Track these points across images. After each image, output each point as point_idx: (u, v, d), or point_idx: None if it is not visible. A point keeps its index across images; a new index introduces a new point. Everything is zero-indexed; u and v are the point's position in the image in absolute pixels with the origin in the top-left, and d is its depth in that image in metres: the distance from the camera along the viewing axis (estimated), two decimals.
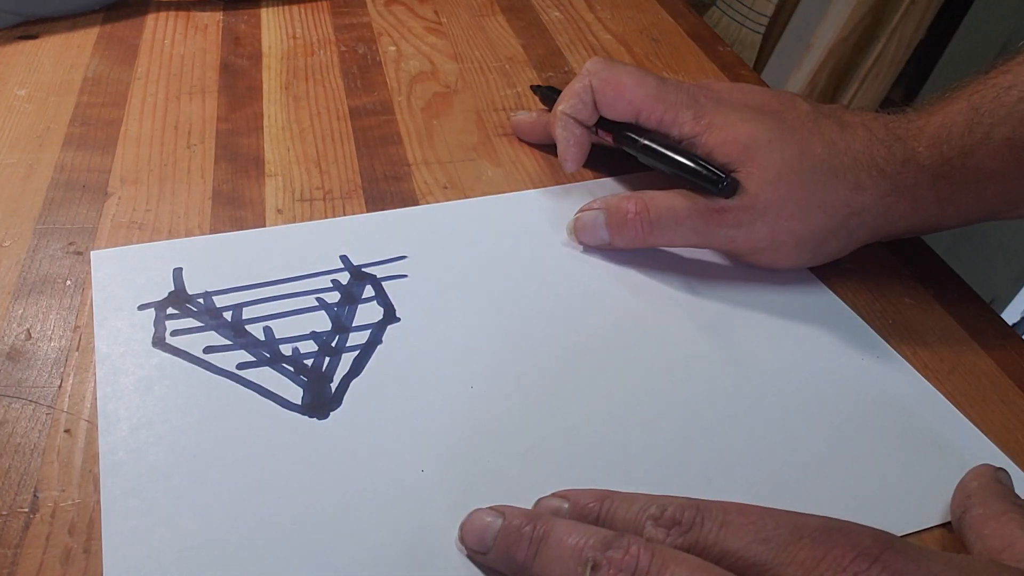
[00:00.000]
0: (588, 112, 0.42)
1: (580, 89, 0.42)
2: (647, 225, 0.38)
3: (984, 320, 0.38)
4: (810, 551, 0.22)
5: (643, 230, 0.38)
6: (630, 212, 0.38)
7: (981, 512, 0.27)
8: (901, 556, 0.22)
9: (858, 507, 0.30)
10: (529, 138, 0.48)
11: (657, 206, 0.38)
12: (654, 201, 0.38)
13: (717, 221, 0.37)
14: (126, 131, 0.47)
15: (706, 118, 0.38)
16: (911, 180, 0.36)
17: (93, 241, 0.39)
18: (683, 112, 0.39)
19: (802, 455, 0.31)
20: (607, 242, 0.39)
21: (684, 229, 0.37)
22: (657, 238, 0.38)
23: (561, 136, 0.43)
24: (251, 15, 0.60)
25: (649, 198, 0.38)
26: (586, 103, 0.42)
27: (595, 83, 0.41)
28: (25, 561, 0.27)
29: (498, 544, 0.26)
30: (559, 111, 0.43)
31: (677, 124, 0.39)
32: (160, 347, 0.34)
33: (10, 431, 0.31)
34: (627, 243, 0.39)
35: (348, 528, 0.28)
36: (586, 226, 0.40)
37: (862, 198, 0.36)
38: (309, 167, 0.45)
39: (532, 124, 0.48)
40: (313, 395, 0.32)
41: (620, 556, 0.23)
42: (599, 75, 0.41)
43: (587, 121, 0.42)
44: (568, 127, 0.42)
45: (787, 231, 0.36)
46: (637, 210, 0.38)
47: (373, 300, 0.37)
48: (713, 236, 0.37)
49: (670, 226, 0.38)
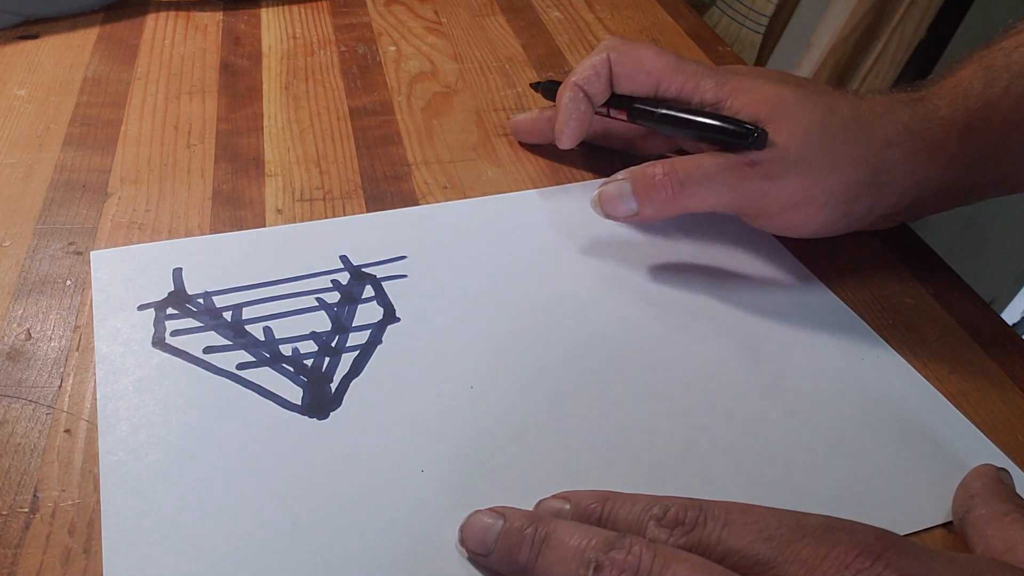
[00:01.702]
0: (601, 87, 0.41)
1: (597, 62, 0.41)
2: (676, 185, 0.36)
3: (984, 320, 0.38)
4: (813, 549, 0.22)
5: (673, 191, 0.36)
6: (657, 175, 0.36)
7: (984, 512, 0.27)
8: (903, 554, 0.22)
9: (858, 507, 0.30)
10: (530, 138, 0.47)
11: (685, 166, 0.36)
12: (681, 162, 0.37)
13: (749, 173, 0.36)
14: (126, 131, 0.47)
15: (729, 84, 0.38)
16: (939, 136, 0.36)
17: (93, 241, 0.39)
18: (704, 80, 0.38)
19: (802, 455, 0.31)
20: (635, 211, 0.37)
21: (716, 185, 0.36)
22: (688, 199, 0.36)
23: (565, 107, 0.41)
24: (251, 15, 0.60)
25: (675, 160, 0.37)
26: (601, 76, 0.41)
27: (613, 56, 0.40)
28: (25, 561, 0.27)
29: (499, 546, 0.26)
30: (571, 81, 0.41)
31: (699, 91, 0.39)
32: (160, 347, 0.34)
33: (10, 431, 0.31)
34: (657, 209, 0.37)
35: (348, 529, 0.28)
36: (611, 197, 0.38)
37: (892, 153, 0.36)
38: (309, 167, 0.45)
39: (533, 122, 0.47)
40: (313, 395, 0.32)
41: (623, 556, 0.23)
42: (617, 48, 0.41)
43: (597, 96, 0.41)
44: (576, 99, 0.41)
45: (819, 184, 0.36)
46: (665, 171, 0.36)
47: (373, 300, 0.37)
48: (746, 189, 0.36)
49: (701, 183, 0.36)
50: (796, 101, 0.36)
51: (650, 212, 0.37)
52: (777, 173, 0.35)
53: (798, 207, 0.36)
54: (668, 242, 0.42)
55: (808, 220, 0.37)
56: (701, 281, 0.39)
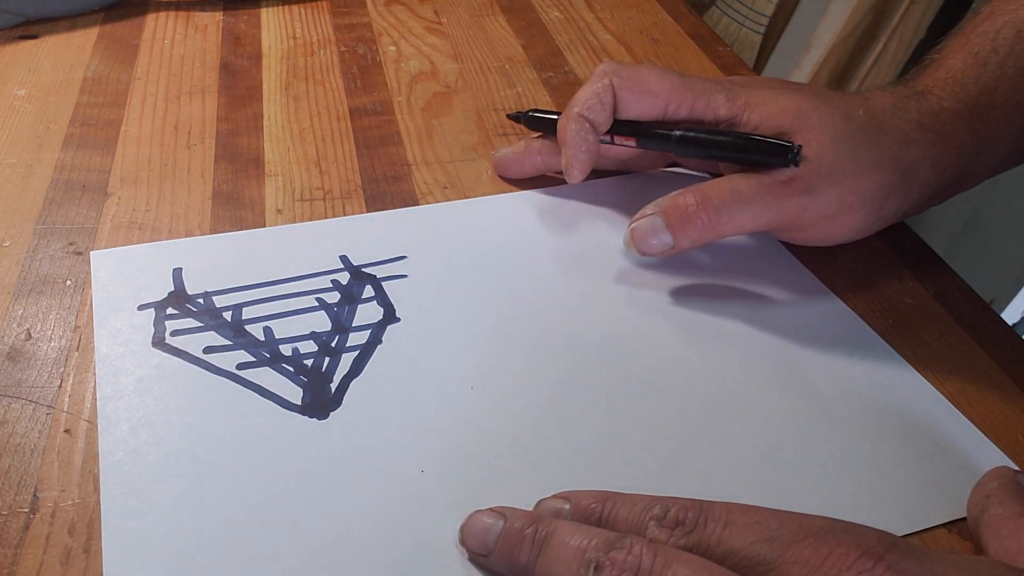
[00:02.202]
0: (605, 115, 0.39)
1: (600, 89, 0.39)
2: (713, 213, 0.35)
3: (984, 320, 0.38)
4: (814, 550, 0.22)
5: (710, 220, 0.35)
6: (691, 205, 0.35)
7: (1000, 512, 0.27)
8: (904, 556, 0.22)
9: (858, 507, 0.30)
10: (518, 173, 0.44)
11: (719, 192, 0.35)
12: (713, 188, 0.35)
13: (788, 191, 0.35)
14: (126, 131, 0.47)
15: (741, 97, 0.37)
16: (949, 126, 0.37)
17: (93, 241, 0.39)
18: (715, 96, 0.38)
19: (801, 455, 0.31)
20: (670, 245, 0.36)
21: (754, 208, 0.35)
22: (725, 225, 0.35)
23: (573, 140, 0.39)
24: (251, 15, 0.60)
25: (706, 187, 0.36)
26: (605, 104, 0.39)
27: (616, 81, 0.39)
28: (25, 561, 0.27)
29: (500, 546, 0.26)
30: (574, 113, 0.39)
31: (711, 108, 0.38)
32: (160, 347, 0.34)
33: (10, 431, 0.31)
34: (693, 240, 0.36)
35: (348, 529, 0.28)
36: (644, 233, 0.36)
37: (912, 151, 0.36)
38: (309, 167, 0.45)
39: (522, 156, 0.44)
40: (313, 395, 0.32)
41: (623, 556, 0.23)
42: (618, 73, 0.39)
43: (602, 126, 0.40)
44: (582, 131, 0.39)
45: (853, 191, 0.35)
46: (698, 201, 0.35)
47: (373, 300, 0.37)
48: (785, 208, 0.35)
49: (738, 208, 0.35)
50: (815, 109, 0.36)
51: (686, 244, 0.36)
52: (814, 187, 0.35)
53: (835, 217, 0.36)
54: None
55: (843, 228, 0.37)
56: (700, 281, 0.39)
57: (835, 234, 0.37)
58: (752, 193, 0.35)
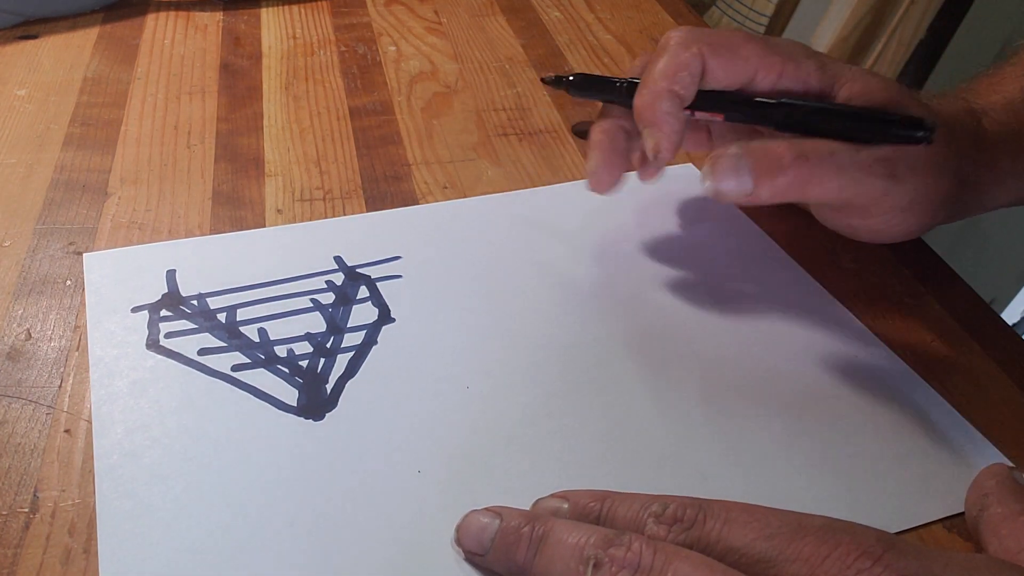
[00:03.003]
0: (693, 88, 0.35)
1: (688, 59, 0.34)
2: (806, 171, 0.32)
3: (984, 320, 0.38)
4: (814, 548, 0.22)
5: (800, 178, 0.32)
6: (784, 156, 0.32)
7: (999, 511, 0.27)
8: (903, 555, 0.22)
9: (857, 507, 0.30)
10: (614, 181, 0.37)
11: (817, 151, 0.32)
12: (810, 146, 0.32)
13: (879, 171, 0.32)
14: (126, 131, 0.47)
15: (830, 68, 0.35)
16: (999, 152, 0.37)
17: (93, 241, 0.39)
18: (805, 62, 0.35)
19: (800, 454, 0.31)
20: (749, 191, 0.32)
21: (845, 179, 0.32)
22: (814, 187, 0.32)
23: (666, 121, 0.34)
24: (251, 15, 0.60)
25: (803, 143, 0.33)
26: (694, 75, 0.34)
27: (706, 49, 0.34)
28: (25, 561, 0.27)
29: (497, 545, 0.26)
30: (663, 88, 0.34)
31: (802, 74, 0.35)
32: (154, 349, 0.34)
33: (10, 431, 0.31)
34: (775, 192, 0.32)
35: (344, 530, 0.28)
36: (726, 170, 0.32)
37: (967, 167, 0.35)
38: (309, 167, 0.45)
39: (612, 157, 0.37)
40: (308, 397, 0.32)
41: (622, 553, 0.23)
42: (706, 41, 0.35)
43: (688, 100, 0.35)
44: (675, 110, 0.34)
45: (925, 190, 0.34)
46: (794, 155, 0.32)
47: (368, 301, 0.37)
48: (871, 188, 0.33)
49: (832, 174, 0.32)
50: (908, 97, 0.34)
51: (767, 195, 0.32)
52: (901, 175, 0.33)
53: (903, 211, 0.34)
54: (666, 242, 0.42)
55: (902, 225, 0.35)
56: (698, 281, 0.39)
57: (890, 230, 0.35)
58: (849, 162, 0.32)
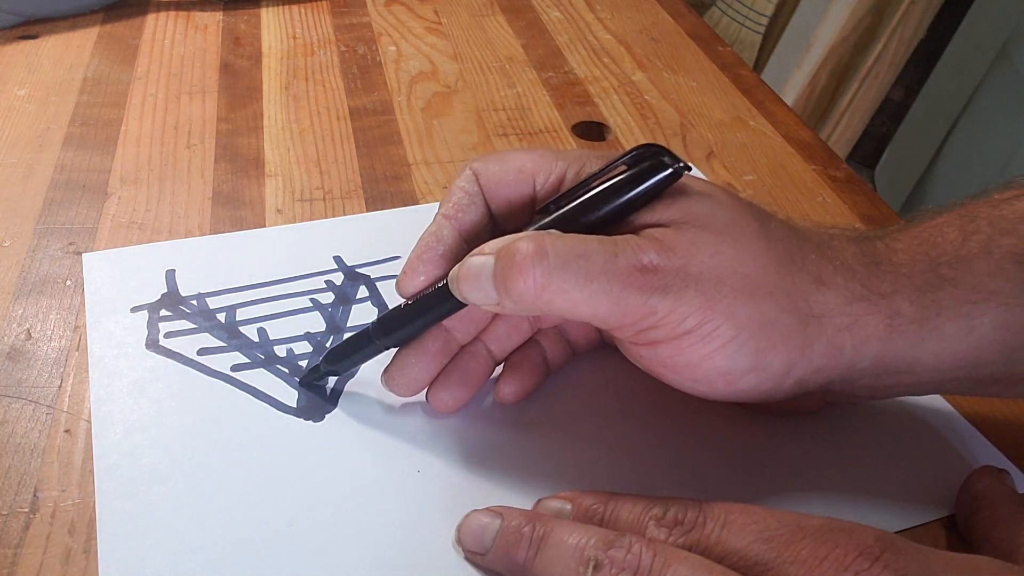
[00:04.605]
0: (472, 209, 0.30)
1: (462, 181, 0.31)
2: (543, 275, 0.25)
3: None
4: (812, 550, 0.22)
5: (538, 280, 0.25)
6: (521, 254, 0.26)
7: (988, 514, 0.27)
8: (902, 556, 0.22)
9: (857, 507, 0.30)
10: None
11: (561, 249, 0.26)
12: (558, 242, 0.26)
13: (639, 283, 0.25)
14: (126, 131, 0.47)
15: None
16: (888, 287, 0.27)
17: (93, 241, 0.39)
18: (592, 161, 0.30)
19: (800, 455, 0.31)
20: (495, 301, 0.27)
21: (594, 288, 0.25)
22: (554, 295, 0.26)
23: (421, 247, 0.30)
24: (251, 15, 0.60)
25: (551, 237, 0.26)
26: (469, 193, 0.31)
27: (476, 167, 0.31)
28: (25, 561, 0.27)
29: (497, 545, 0.26)
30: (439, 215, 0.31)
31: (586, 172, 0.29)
32: (153, 349, 0.34)
33: (10, 431, 0.31)
34: (516, 301, 0.26)
35: (344, 530, 0.28)
36: (470, 275, 0.27)
37: (825, 298, 0.27)
38: (309, 167, 0.45)
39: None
40: (308, 397, 0.32)
41: (622, 555, 0.23)
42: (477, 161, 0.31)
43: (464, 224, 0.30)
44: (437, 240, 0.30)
45: (724, 311, 0.26)
46: (533, 251, 0.25)
47: (367, 300, 0.37)
48: (629, 303, 0.26)
49: (576, 280, 0.25)
50: (711, 197, 0.28)
51: (509, 306, 0.26)
52: (675, 288, 0.26)
53: (692, 340, 0.26)
54: None
55: (705, 361, 0.27)
56: None
57: (696, 366, 0.27)
58: (600, 268, 0.26)
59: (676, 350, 0.27)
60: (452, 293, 0.28)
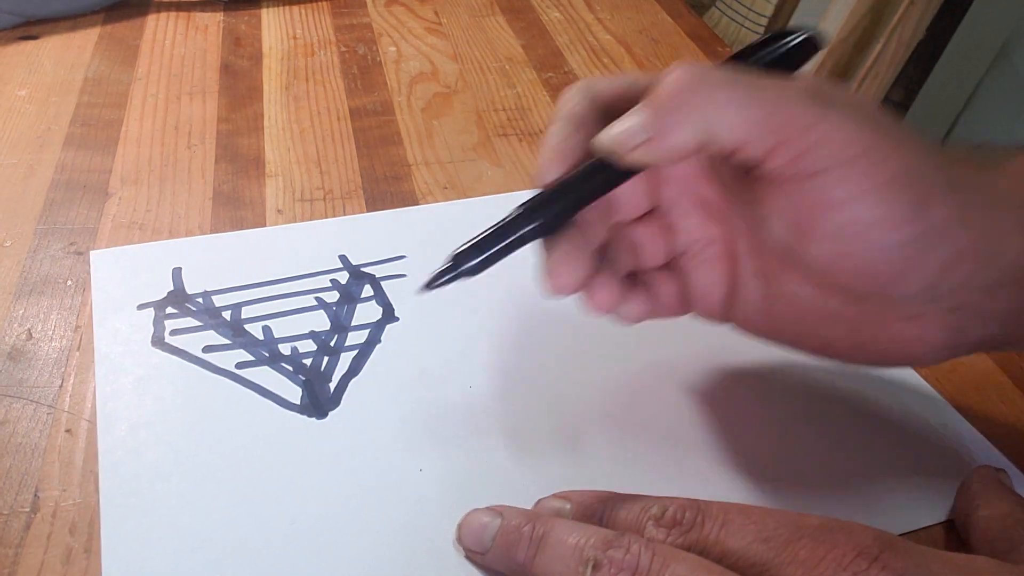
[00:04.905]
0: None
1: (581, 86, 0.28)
2: (705, 86, 0.24)
3: None
4: (811, 550, 0.22)
5: (698, 92, 0.24)
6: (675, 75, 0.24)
7: (987, 514, 0.27)
8: (901, 556, 0.22)
9: (857, 507, 0.30)
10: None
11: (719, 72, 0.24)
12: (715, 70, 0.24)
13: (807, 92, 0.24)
14: (126, 131, 0.47)
15: None
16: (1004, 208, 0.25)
17: (94, 241, 0.39)
18: None
19: (800, 455, 0.31)
20: (649, 132, 0.24)
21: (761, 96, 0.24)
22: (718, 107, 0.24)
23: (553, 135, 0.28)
24: (251, 15, 0.60)
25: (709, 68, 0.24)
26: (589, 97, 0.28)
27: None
28: (26, 561, 0.27)
29: (497, 544, 0.26)
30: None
31: None
32: (159, 346, 0.34)
33: (11, 431, 0.31)
34: (673, 114, 0.24)
35: (346, 528, 0.28)
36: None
37: (1001, 216, 0.25)
38: (309, 167, 0.45)
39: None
40: (312, 395, 0.32)
41: (621, 555, 0.23)
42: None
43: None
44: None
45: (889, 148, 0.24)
46: (691, 70, 0.24)
47: (372, 299, 0.37)
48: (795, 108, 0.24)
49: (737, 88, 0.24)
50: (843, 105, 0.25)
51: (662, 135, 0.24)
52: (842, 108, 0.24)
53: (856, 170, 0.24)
54: None
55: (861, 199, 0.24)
56: None
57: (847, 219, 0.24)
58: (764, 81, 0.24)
59: (835, 183, 0.24)
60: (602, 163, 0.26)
